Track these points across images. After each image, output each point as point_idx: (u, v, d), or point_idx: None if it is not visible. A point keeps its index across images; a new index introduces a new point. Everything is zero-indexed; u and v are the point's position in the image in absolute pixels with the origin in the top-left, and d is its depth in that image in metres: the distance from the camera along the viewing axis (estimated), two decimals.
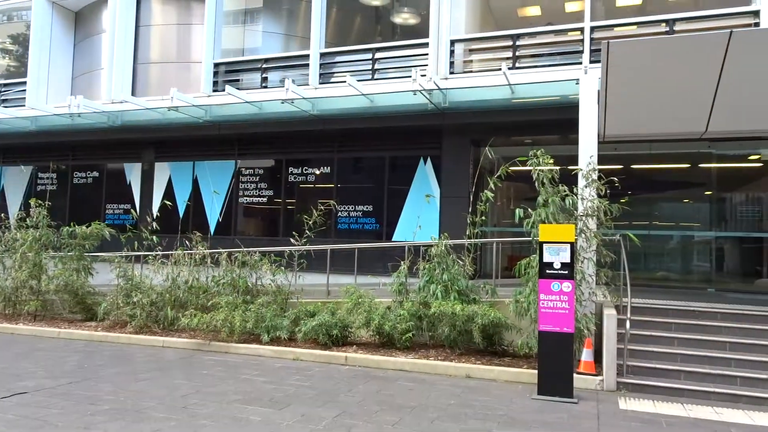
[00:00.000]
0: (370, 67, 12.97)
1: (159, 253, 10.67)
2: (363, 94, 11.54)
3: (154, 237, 10.93)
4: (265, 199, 14.10)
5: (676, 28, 10.63)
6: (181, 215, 14.58)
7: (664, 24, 10.83)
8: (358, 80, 11.84)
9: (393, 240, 12.41)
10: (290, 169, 13.84)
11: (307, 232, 10.33)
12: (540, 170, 8.12)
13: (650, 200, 13.23)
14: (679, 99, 8.07)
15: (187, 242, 11.04)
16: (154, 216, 14.02)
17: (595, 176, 8.22)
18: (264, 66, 14.06)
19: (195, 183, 14.70)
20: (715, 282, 11.82)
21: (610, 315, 7.42)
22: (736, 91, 7.62)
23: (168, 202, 14.26)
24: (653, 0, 13.00)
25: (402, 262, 9.36)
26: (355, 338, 9.27)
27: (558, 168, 8.20)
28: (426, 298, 8.71)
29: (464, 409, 6.18)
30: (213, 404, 6.10)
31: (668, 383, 7.10)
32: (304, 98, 12.01)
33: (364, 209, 12.99)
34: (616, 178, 8.14)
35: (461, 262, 9.09)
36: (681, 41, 7.74)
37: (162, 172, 15.10)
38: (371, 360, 8.25)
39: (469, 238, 9.35)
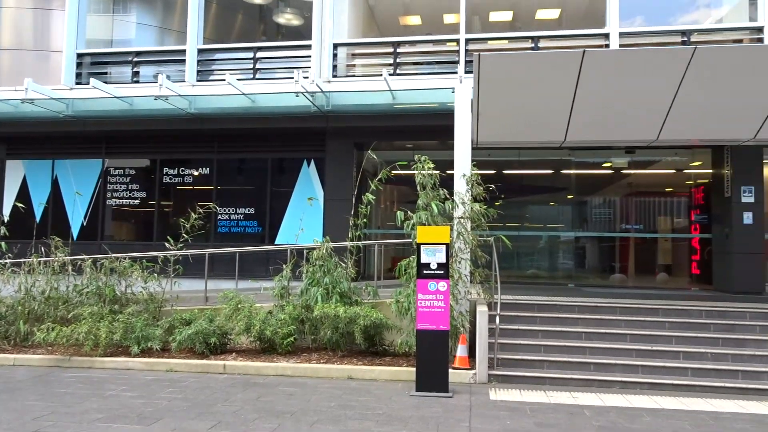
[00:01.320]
0: (251, 66, 12.63)
1: (9, 261, 9.61)
2: (244, 94, 11.22)
3: (3, 243, 9.86)
4: (137, 202, 13.19)
5: (540, 44, 11.55)
6: (37, 219, 13.19)
7: (530, 40, 11.72)
8: (239, 79, 11.49)
9: (276, 243, 12.18)
10: (166, 170, 13.08)
11: (184, 235, 9.81)
12: (422, 175, 8.44)
13: (520, 203, 14.23)
14: (542, 110, 8.76)
15: (44, 249, 10.02)
16: (4, 220, 12.61)
17: (470, 183, 8.64)
18: (136, 59, 13.14)
19: (55, 183, 13.38)
20: (576, 278, 13.00)
21: (482, 312, 7.86)
22: (590, 104, 8.43)
23: (21, 205, 12.84)
24: (521, 17, 14.04)
25: (285, 266, 9.24)
26: (234, 345, 8.97)
27: (438, 173, 8.57)
28: (308, 301, 8.66)
29: (344, 410, 6.20)
30: (71, 425, 5.57)
31: (533, 373, 7.67)
32: (179, 95, 11.41)
33: (246, 212, 12.63)
34: (492, 185, 8.64)
35: (344, 265, 9.15)
36: (542, 57, 8.41)
37: (15, 171, 13.56)
38: (251, 367, 8.02)
39: (351, 240, 9.44)
